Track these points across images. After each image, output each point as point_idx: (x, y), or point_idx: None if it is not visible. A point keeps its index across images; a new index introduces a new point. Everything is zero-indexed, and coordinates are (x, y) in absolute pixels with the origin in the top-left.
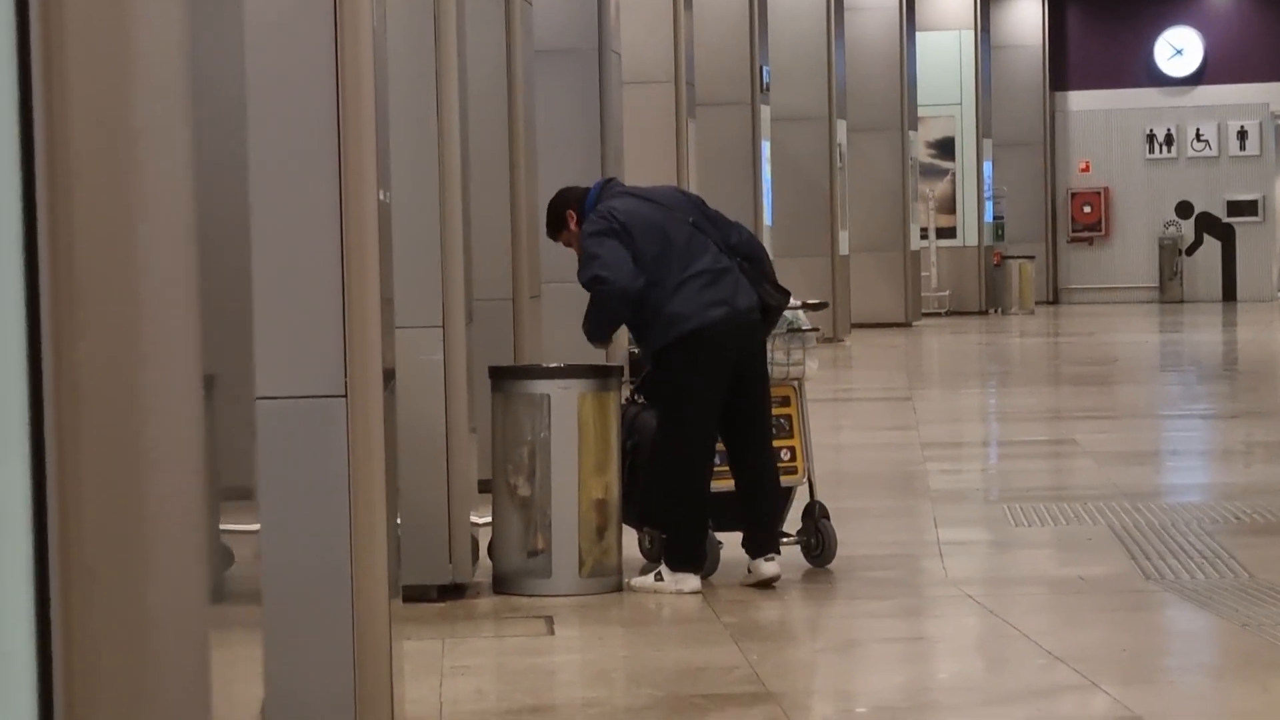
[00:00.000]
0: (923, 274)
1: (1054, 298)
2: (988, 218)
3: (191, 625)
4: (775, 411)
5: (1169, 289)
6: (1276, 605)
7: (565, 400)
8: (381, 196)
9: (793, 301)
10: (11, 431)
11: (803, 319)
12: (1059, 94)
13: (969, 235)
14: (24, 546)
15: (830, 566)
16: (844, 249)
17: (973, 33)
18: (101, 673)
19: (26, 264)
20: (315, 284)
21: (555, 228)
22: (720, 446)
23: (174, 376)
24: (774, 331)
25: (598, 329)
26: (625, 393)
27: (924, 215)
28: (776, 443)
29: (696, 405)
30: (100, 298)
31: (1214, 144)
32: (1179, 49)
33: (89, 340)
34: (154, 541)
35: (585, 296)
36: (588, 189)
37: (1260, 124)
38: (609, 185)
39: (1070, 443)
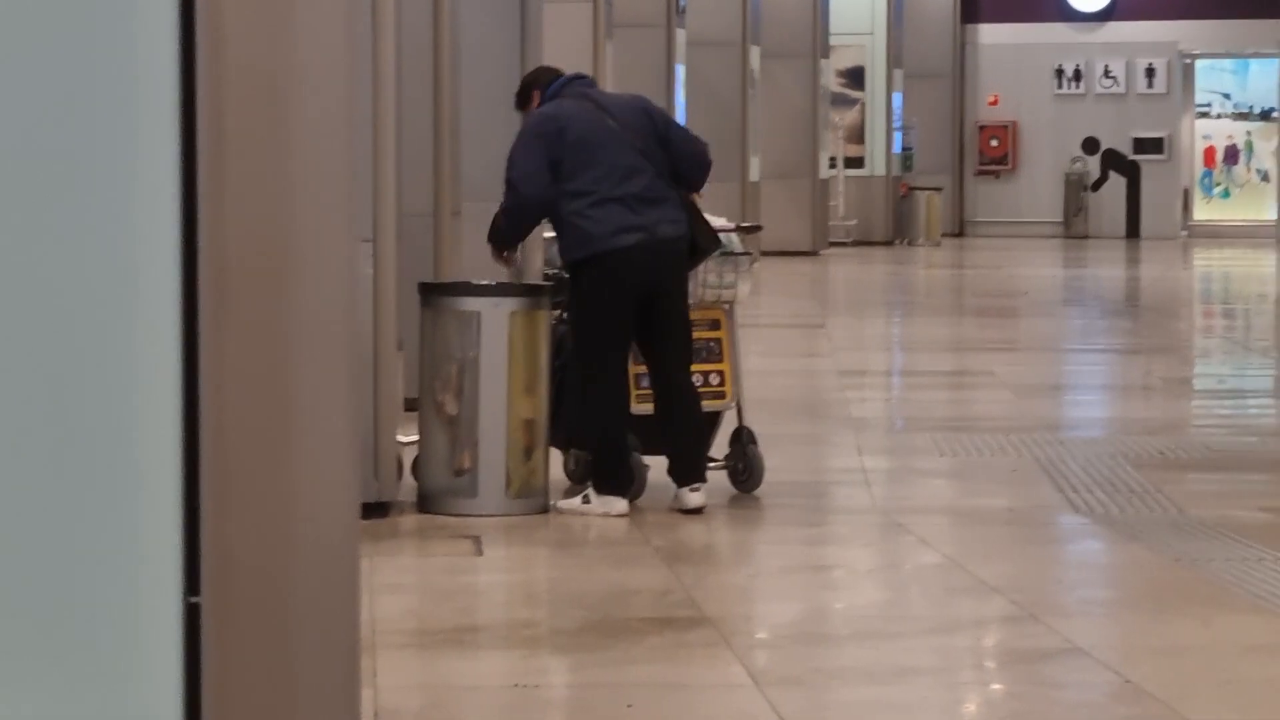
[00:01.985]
0: (831, 203)
1: (960, 230)
2: (896, 148)
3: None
4: (705, 335)
5: (1074, 224)
6: (1208, 540)
7: (496, 318)
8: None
9: (726, 224)
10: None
11: (735, 242)
12: (970, 26)
13: (877, 165)
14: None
15: (757, 493)
16: (754, 175)
17: None
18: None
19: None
20: None
21: (520, 102)
22: (642, 369)
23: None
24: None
25: (497, 232)
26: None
27: (833, 144)
28: (706, 367)
29: (603, 326)
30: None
31: (1122, 81)
32: None
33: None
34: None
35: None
36: (557, 74)
37: (1168, 62)
38: (573, 82)
39: (987, 374)
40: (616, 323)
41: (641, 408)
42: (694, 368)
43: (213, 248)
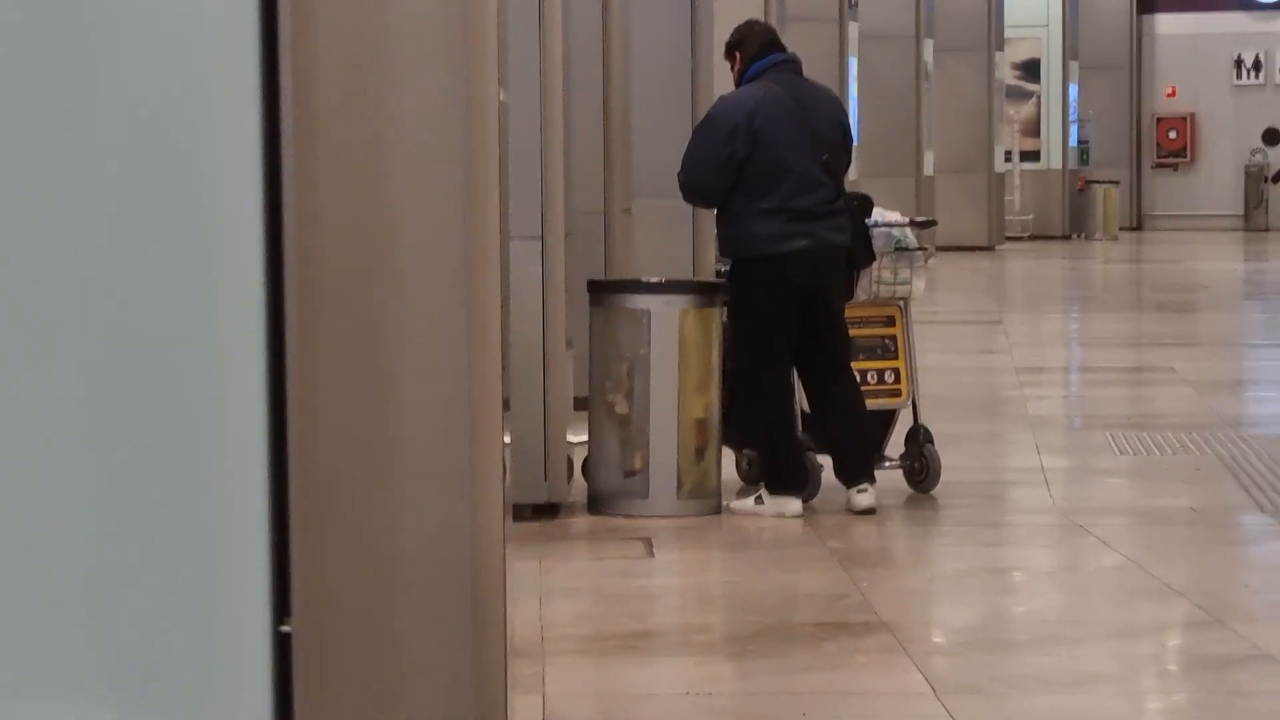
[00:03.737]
0: (1006, 197)
1: (1138, 224)
2: (1073, 142)
3: None
4: (879, 332)
5: (1254, 217)
6: None
7: (666, 316)
8: (502, 96)
9: (901, 219)
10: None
11: (910, 237)
12: (1146, 17)
13: (1053, 159)
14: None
15: (933, 493)
16: (929, 170)
17: None
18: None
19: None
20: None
21: (727, 53)
22: None
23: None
24: (882, 249)
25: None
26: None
27: (1009, 138)
28: (880, 364)
29: (763, 328)
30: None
31: None
32: None
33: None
34: None
35: (674, 213)
36: (768, 45)
37: None
38: (781, 66)
39: (1168, 370)
40: (776, 325)
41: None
42: (868, 365)
43: (301, 246)
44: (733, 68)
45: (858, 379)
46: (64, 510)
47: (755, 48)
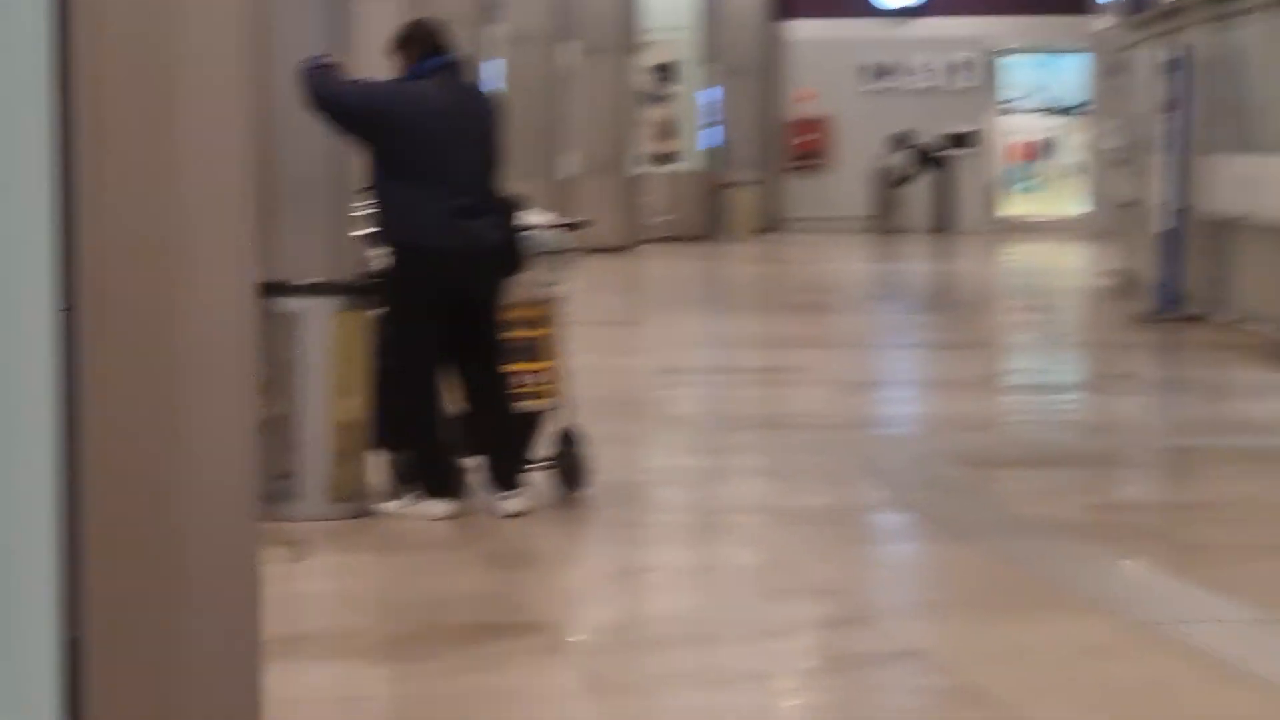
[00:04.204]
0: (643, 199)
1: (774, 226)
2: (710, 144)
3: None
4: (529, 334)
5: (885, 218)
6: (1036, 539)
7: (315, 319)
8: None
9: (552, 220)
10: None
11: (561, 239)
12: (782, 22)
13: (690, 161)
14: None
15: (584, 492)
16: (567, 171)
17: None
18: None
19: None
20: None
21: (394, 48)
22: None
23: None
24: (532, 251)
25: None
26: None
27: (645, 140)
28: (529, 366)
29: (413, 320)
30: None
31: (932, 76)
32: None
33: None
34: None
35: (320, 217)
36: (434, 45)
37: (977, 58)
38: (447, 69)
39: (804, 370)
40: (424, 320)
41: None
42: (518, 367)
43: (92, 249)
44: (400, 63)
45: (509, 382)
46: None
47: (421, 47)
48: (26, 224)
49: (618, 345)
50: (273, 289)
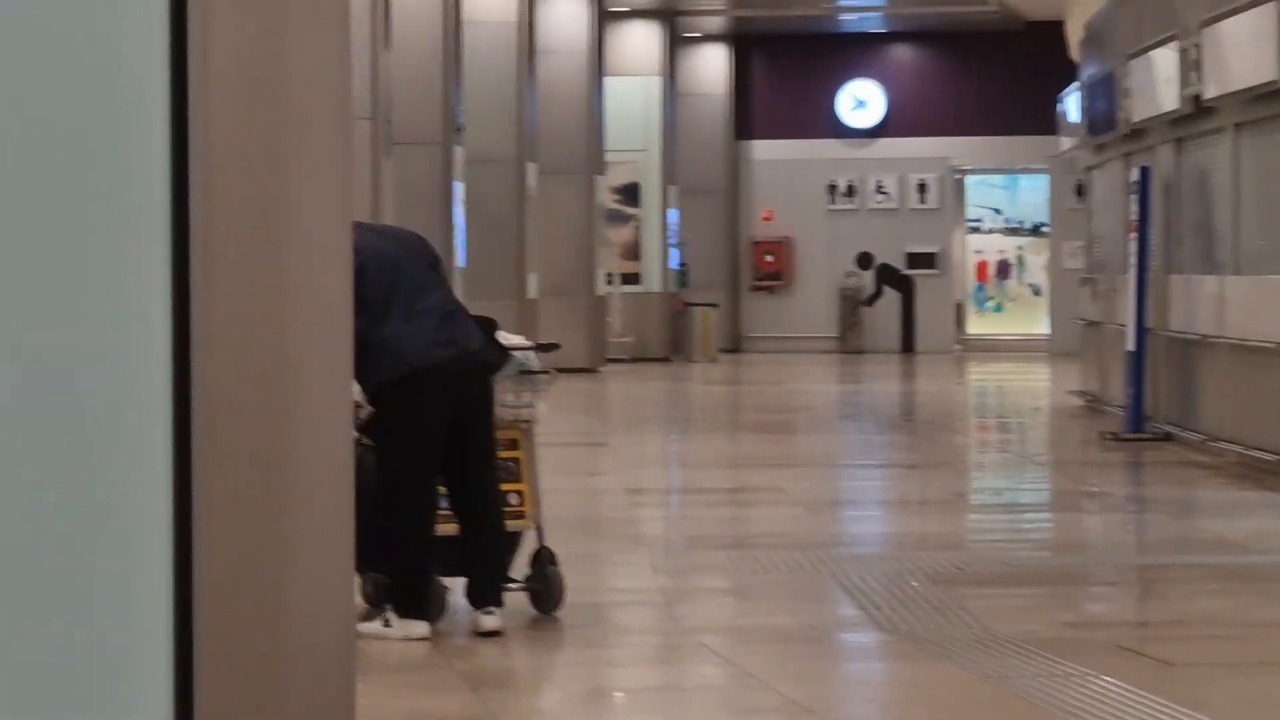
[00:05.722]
0: (607, 319)
1: (736, 345)
2: (672, 264)
3: None
4: (503, 455)
5: (849, 338)
6: (1013, 657)
7: None
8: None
9: (524, 342)
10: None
11: (533, 360)
12: (744, 143)
13: (653, 281)
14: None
15: (557, 614)
16: (532, 292)
17: (660, 79)
18: None
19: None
20: None
21: None
22: (444, 490)
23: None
24: (503, 373)
25: None
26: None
27: (609, 260)
28: (504, 487)
29: (415, 448)
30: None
31: (895, 196)
32: (862, 101)
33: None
34: None
35: None
36: None
37: (940, 177)
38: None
39: (775, 489)
40: (430, 443)
41: (444, 529)
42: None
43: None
44: None
45: (502, 500)
46: None
47: None
48: (142, 266)
49: (584, 465)
50: None
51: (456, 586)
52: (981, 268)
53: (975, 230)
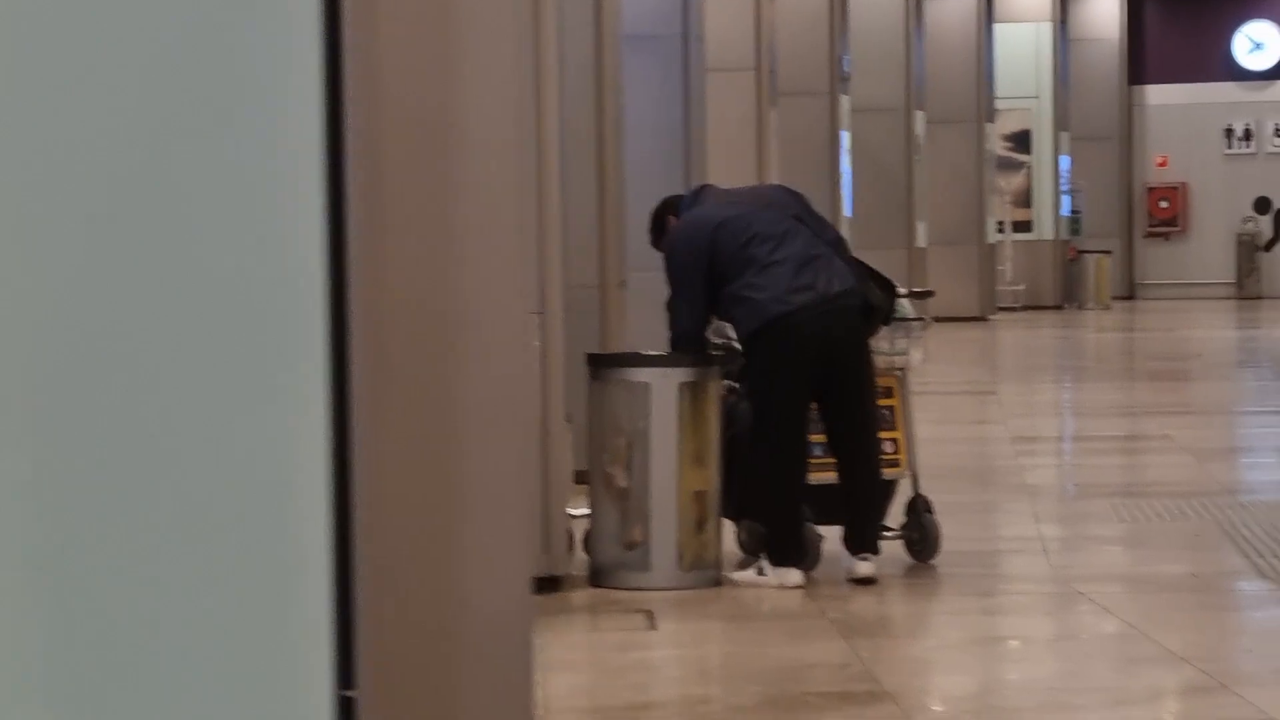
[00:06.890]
0: (998, 268)
1: (1130, 293)
2: (1064, 211)
3: None
4: (883, 402)
5: (1246, 285)
6: None
7: (665, 389)
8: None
9: (898, 289)
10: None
11: (907, 308)
12: (1136, 88)
13: (1045, 229)
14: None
15: (934, 562)
16: (921, 241)
17: (1051, 25)
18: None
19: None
20: None
21: (659, 234)
22: (821, 437)
23: None
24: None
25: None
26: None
27: (1000, 209)
28: (885, 434)
29: (783, 395)
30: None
31: None
32: (1258, 43)
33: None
34: None
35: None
36: (676, 203)
37: None
38: (703, 191)
39: (1164, 437)
40: (797, 390)
41: (818, 477)
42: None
43: (368, 315)
44: (663, 232)
45: (880, 446)
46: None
47: (675, 200)
48: (303, 295)
49: (974, 414)
50: (623, 359)
51: (831, 535)
52: None
53: None
